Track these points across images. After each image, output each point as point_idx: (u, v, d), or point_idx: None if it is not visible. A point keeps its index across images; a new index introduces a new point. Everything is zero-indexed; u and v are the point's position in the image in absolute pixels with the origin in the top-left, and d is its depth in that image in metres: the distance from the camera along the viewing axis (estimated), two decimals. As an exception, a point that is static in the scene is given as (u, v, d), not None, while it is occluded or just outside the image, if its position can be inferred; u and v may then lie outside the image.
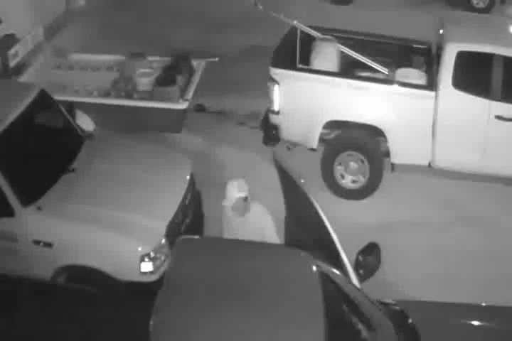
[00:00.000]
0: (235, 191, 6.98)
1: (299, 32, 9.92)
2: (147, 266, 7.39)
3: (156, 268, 7.41)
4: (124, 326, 6.18)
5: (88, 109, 9.98)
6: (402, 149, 9.59)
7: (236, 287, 5.33)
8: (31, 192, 7.63)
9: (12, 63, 10.72)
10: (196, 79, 10.95)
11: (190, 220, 8.19)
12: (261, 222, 7.13)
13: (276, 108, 9.75)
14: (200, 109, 11.54)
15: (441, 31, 9.94)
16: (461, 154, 9.51)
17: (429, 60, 10.16)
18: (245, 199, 7.03)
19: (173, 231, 7.60)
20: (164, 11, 14.90)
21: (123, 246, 7.42)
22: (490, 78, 9.25)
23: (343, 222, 8.09)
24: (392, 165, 9.78)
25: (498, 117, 9.32)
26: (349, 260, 6.27)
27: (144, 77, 10.73)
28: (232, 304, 5.19)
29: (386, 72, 10.02)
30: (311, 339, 4.97)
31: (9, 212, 7.45)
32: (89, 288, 6.90)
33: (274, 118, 9.88)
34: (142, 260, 7.36)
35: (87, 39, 13.47)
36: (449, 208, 9.73)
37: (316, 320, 5.05)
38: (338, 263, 6.15)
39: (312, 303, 5.20)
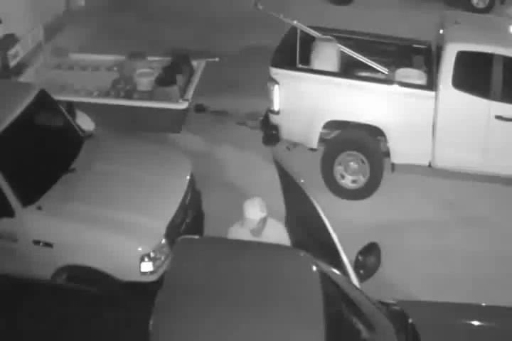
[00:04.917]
0: (257, 211, 6.60)
1: (299, 32, 9.91)
2: (147, 266, 7.39)
3: (156, 268, 7.41)
4: (124, 326, 6.17)
5: (88, 109, 9.98)
6: (402, 149, 9.58)
7: (236, 287, 5.33)
8: (31, 192, 7.62)
9: (12, 63, 10.70)
10: (196, 79, 10.96)
11: (190, 220, 8.19)
12: (274, 237, 6.71)
13: (276, 108, 9.75)
14: (200, 109, 11.52)
15: (441, 31, 9.94)
16: (461, 154, 9.50)
17: (429, 60, 10.15)
18: (265, 219, 6.70)
19: (173, 231, 7.60)
20: (164, 10, 14.89)
21: (123, 246, 7.42)
22: (490, 78, 9.25)
23: (343, 221, 8.10)
24: (392, 165, 9.78)
25: (498, 117, 9.32)
26: (349, 260, 6.27)
27: (144, 77, 10.73)
28: (232, 304, 5.19)
29: (386, 72, 10.02)
30: (311, 339, 4.97)
31: (9, 212, 7.44)
32: (89, 288, 6.90)
33: (274, 118, 9.87)
34: (142, 260, 7.36)
35: (87, 39, 13.46)
36: (449, 208, 9.73)
37: (316, 320, 5.05)
38: (338, 263, 6.15)
39: (312, 303, 5.20)
